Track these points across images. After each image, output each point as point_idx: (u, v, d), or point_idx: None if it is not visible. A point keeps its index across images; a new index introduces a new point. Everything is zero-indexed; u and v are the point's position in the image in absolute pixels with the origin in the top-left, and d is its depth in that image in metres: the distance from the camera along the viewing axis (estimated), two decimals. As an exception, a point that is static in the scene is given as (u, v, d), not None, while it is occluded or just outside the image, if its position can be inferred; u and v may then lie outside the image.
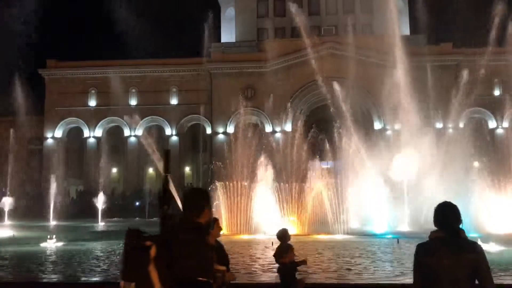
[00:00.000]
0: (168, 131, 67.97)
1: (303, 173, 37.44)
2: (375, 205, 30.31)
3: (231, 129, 66.66)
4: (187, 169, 72.72)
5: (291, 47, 64.16)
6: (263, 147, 45.10)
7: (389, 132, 56.81)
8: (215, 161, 41.71)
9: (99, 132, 68.25)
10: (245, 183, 32.88)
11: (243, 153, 39.84)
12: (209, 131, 67.38)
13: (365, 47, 61.24)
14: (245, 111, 66.96)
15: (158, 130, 68.50)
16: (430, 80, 51.63)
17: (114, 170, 68.48)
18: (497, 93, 64.40)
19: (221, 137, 66.53)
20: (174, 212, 4.75)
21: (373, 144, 40.94)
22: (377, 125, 62.96)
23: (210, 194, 5.11)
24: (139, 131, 68.23)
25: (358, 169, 33.68)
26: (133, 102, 68.17)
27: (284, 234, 10.50)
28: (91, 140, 68.01)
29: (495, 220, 29.16)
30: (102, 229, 40.31)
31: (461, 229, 5.27)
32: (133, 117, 61.53)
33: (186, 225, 4.74)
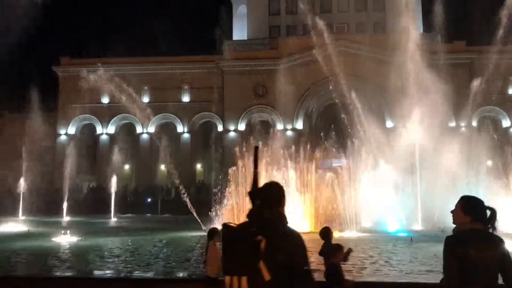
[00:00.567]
0: (180, 128, 68.34)
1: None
2: (387, 203, 30.24)
3: (242, 126, 66.86)
4: (199, 166, 73.05)
5: (303, 44, 64.05)
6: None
7: (401, 131, 56.51)
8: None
9: (111, 129, 68.83)
10: None
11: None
12: (220, 128, 67.61)
13: (377, 45, 60.99)
14: (256, 108, 67.18)
15: (170, 127, 68.91)
16: (443, 79, 51.22)
17: (127, 167, 69.00)
18: (511, 92, 63.78)
19: (232, 134, 66.72)
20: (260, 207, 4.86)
21: (385, 142, 40.84)
22: (389, 123, 62.67)
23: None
24: (151, 128, 68.70)
25: (370, 167, 33.61)
26: (145, 99, 68.59)
27: (327, 233, 10.27)
28: (104, 137, 68.62)
29: (507, 219, 28.96)
30: (114, 224, 40.73)
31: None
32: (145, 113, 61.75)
33: (282, 218, 4.84)
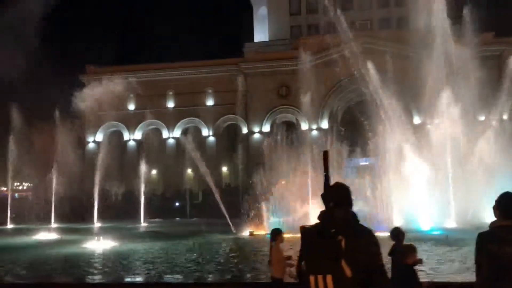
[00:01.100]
0: (205, 131, 68.67)
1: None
2: (419, 201, 29.68)
3: (266, 127, 66.78)
4: (224, 169, 73.24)
5: (325, 43, 63.61)
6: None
7: (429, 127, 55.57)
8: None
9: (138, 135, 69.67)
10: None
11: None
12: (245, 130, 67.66)
13: (402, 40, 60.09)
14: (280, 109, 67.04)
15: (196, 131, 69.30)
16: (472, 72, 50.18)
17: (154, 172, 69.69)
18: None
19: (257, 136, 66.69)
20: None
21: (414, 139, 40.16)
22: (416, 119, 61.63)
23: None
24: (177, 132, 69.24)
25: (399, 164, 33.05)
26: (170, 104, 69.20)
27: (399, 233, 9.82)
28: (131, 143, 69.50)
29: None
30: (145, 229, 41.08)
31: None
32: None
33: (354, 218, 5.07)
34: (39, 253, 24.09)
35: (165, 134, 69.40)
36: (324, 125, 64.81)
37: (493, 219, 5.60)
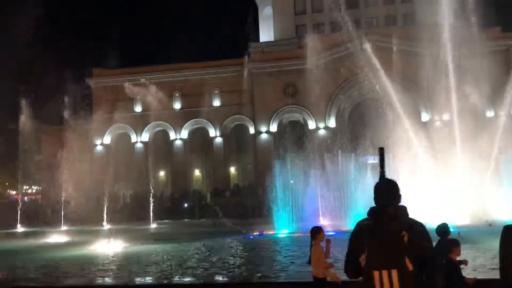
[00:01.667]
0: (212, 132, 68.71)
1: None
2: (430, 198, 29.46)
3: (274, 127, 66.70)
4: (232, 170, 73.26)
5: (331, 42, 63.46)
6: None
7: (438, 123, 55.26)
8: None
9: (146, 137, 69.85)
10: None
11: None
12: (252, 130, 67.62)
13: (408, 37, 59.77)
14: (287, 109, 66.91)
15: (203, 132, 69.39)
16: (479, 68, 49.82)
17: (162, 173, 69.88)
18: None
19: (264, 136, 66.63)
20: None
21: (422, 136, 39.95)
22: (424, 116, 61.30)
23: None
24: (184, 134, 69.35)
25: (409, 161, 32.86)
26: (177, 105, 69.33)
27: (446, 229, 9.62)
28: (139, 145, 69.67)
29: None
30: (155, 231, 41.16)
31: None
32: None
33: (406, 212, 5.28)
34: (50, 256, 24.17)
35: (172, 135, 69.54)
36: (332, 123, 64.63)
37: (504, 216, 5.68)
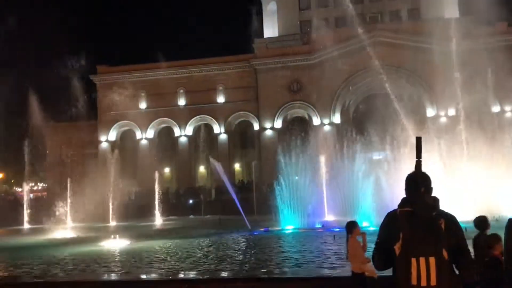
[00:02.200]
0: (217, 129, 68.70)
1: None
2: (437, 193, 29.26)
3: (278, 123, 66.62)
4: (237, 166, 73.27)
5: (336, 37, 63.22)
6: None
7: (443, 119, 55.07)
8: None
9: (150, 134, 69.93)
10: None
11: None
12: (256, 127, 67.54)
13: (413, 32, 59.51)
14: (292, 105, 66.81)
15: (207, 129, 69.39)
16: (485, 63, 49.53)
17: (167, 170, 69.94)
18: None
19: (269, 132, 66.56)
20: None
21: (427, 132, 39.74)
22: (430, 111, 61.04)
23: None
24: (188, 130, 69.38)
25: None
26: (181, 102, 69.33)
27: (484, 222, 9.27)
28: (144, 142, 69.77)
29: None
30: (160, 227, 41.24)
31: None
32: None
33: (438, 203, 5.45)
34: (56, 252, 24.25)
35: (177, 132, 69.58)
36: (337, 119, 64.46)
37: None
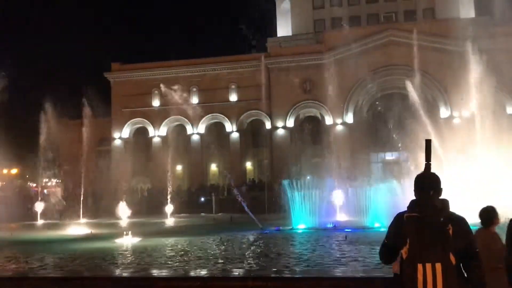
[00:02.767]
0: (229, 127, 68.85)
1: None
2: (449, 196, 29.04)
3: (290, 123, 66.55)
4: (249, 165, 73.35)
5: (350, 36, 62.92)
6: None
7: (457, 120, 54.54)
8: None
9: (163, 131, 70.32)
10: None
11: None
12: (268, 126, 67.56)
13: (428, 32, 59.01)
14: (304, 104, 66.70)
15: (219, 127, 69.57)
16: (501, 64, 48.95)
17: (179, 167, 70.25)
18: None
19: (281, 131, 66.53)
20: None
21: (441, 133, 39.43)
22: (443, 113, 60.54)
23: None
24: (201, 128, 69.65)
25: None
26: (194, 100, 69.61)
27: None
28: (156, 139, 70.19)
29: None
30: (172, 224, 41.48)
31: None
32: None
33: (448, 206, 5.33)
34: (72, 247, 24.55)
35: (189, 130, 69.90)
36: (349, 119, 64.22)
37: None
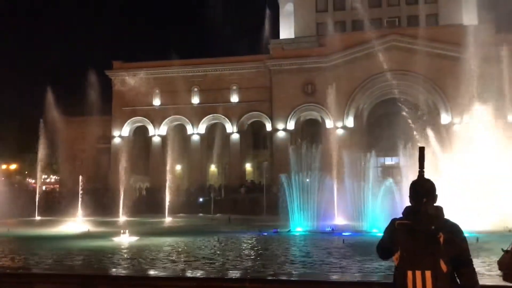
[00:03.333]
0: (229, 128, 68.80)
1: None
2: (449, 202, 28.98)
3: (291, 125, 66.51)
4: (248, 166, 73.32)
5: (352, 40, 62.95)
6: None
7: (458, 126, 54.51)
8: None
9: (163, 130, 70.27)
10: None
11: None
12: (269, 127, 67.52)
13: (430, 38, 58.98)
14: (305, 107, 66.67)
15: (220, 128, 69.53)
16: (502, 71, 48.97)
17: (178, 167, 70.21)
18: None
19: (281, 133, 66.48)
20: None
21: (442, 138, 39.40)
22: (444, 118, 60.51)
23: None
24: (201, 128, 69.60)
25: (428, 164, 32.33)
26: (195, 100, 69.57)
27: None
28: (156, 139, 70.14)
29: None
30: (170, 224, 41.42)
31: None
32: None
33: (442, 213, 5.34)
34: (66, 245, 24.49)
35: (189, 130, 69.85)
36: (350, 123, 64.17)
37: None
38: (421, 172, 5.43)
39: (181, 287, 10.37)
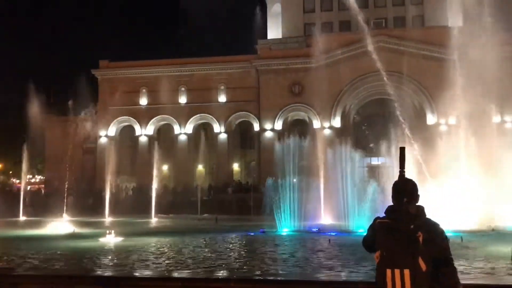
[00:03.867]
0: (217, 128, 68.72)
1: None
2: (435, 202, 29.27)
3: (279, 125, 66.64)
4: (236, 166, 73.28)
5: (340, 41, 63.23)
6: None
7: (443, 127, 55.08)
8: None
9: (150, 130, 69.94)
10: None
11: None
12: (257, 127, 67.58)
13: (416, 39, 59.54)
14: (292, 107, 66.85)
15: (207, 128, 69.42)
16: (488, 73, 49.48)
17: (165, 167, 69.95)
18: None
19: (269, 133, 66.58)
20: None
21: (427, 139, 39.79)
22: (430, 119, 61.10)
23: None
24: (188, 128, 69.39)
25: (415, 164, 32.63)
26: (182, 100, 69.35)
27: None
28: (143, 138, 69.78)
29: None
30: (156, 224, 41.21)
31: None
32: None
33: (423, 212, 5.41)
34: (54, 245, 24.22)
35: (176, 129, 69.60)
36: (337, 123, 64.49)
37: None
38: (401, 172, 5.50)
39: (166, 287, 10.34)
